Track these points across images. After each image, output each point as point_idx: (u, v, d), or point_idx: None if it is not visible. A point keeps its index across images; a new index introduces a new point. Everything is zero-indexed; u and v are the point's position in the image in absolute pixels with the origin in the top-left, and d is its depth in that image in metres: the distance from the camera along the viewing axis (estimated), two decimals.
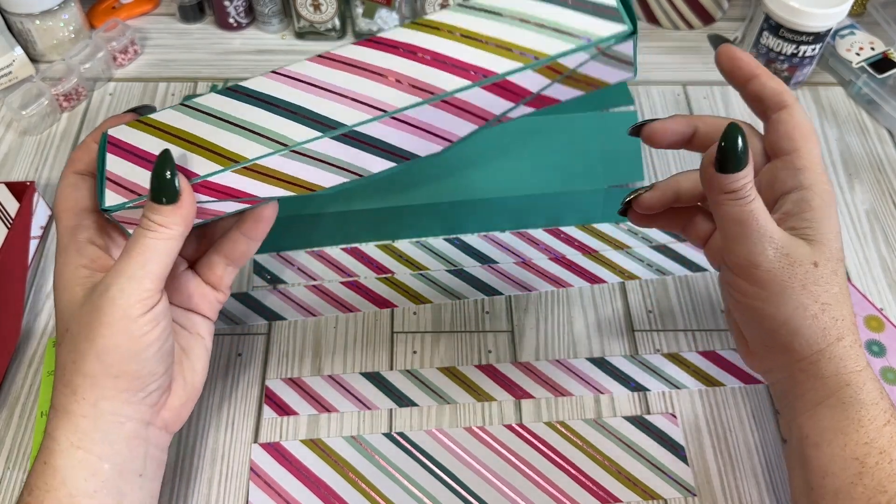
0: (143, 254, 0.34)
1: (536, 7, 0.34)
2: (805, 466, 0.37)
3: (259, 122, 0.35)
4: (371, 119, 0.33)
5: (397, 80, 0.34)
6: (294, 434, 0.45)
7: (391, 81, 0.34)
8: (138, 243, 0.34)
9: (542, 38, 0.33)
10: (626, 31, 0.33)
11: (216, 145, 0.35)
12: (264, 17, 0.67)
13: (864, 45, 0.65)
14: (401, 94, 0.33)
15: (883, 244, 0.55)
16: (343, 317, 0.51)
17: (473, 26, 0.34)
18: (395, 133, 0.34)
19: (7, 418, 0.45)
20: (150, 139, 0.36)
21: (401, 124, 0.34)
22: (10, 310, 0.48)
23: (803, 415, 0.37)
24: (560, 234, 0.54)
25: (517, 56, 0.33)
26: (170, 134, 0.36)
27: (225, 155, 0.35)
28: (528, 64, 0.33)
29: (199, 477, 0.44)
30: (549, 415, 0.46)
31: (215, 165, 0.35)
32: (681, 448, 0.45)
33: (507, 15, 0.34)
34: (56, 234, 0.37)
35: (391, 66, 0.34)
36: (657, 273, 0.53)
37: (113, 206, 0.35)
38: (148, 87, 0.64)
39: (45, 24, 0.62)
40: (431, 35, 0.34)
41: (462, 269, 0.53)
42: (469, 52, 0.33)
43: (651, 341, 0.50)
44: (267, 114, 0.35)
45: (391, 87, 0.34)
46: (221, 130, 0.35)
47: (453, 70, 0.33)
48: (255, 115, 0.35)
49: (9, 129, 0.60)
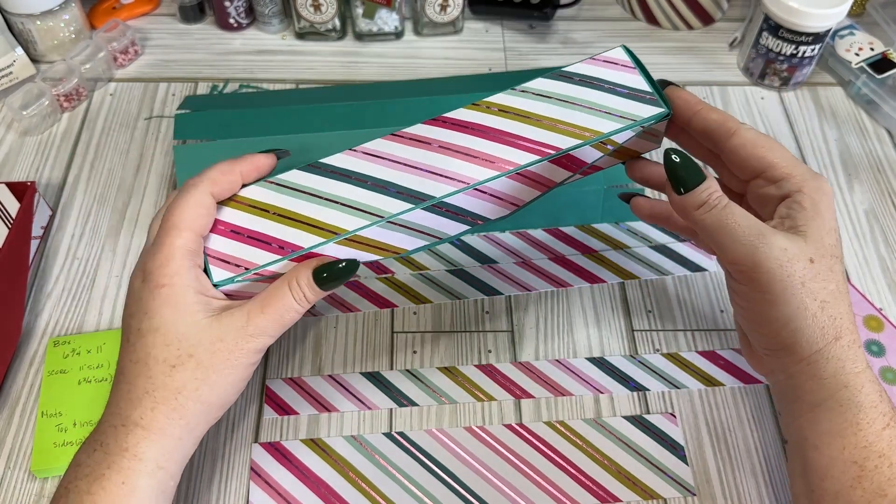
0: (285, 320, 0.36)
1: (581, 91, 0.40)
2: (805, 468, 0.37)
3: (351, 197, 0.38)
4: (457, 191, 0.37)
5: (473, 155, 0.38)
6: (294, 434, 0.46)
7: (468, 157, 0.38)
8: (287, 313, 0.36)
9: (594, 118, 0.39)
10: (665, 113, 0.39)
11: (314, 219, 0.37)
12: (265, 17, 0.67)
13: (864, 45, 0.65)
14: (478, 168, 0.38)
15: (882, 244, 0.55)
16: (343, 316, 0.51)
17: (529, 108, 0.40)
18: (474, 201, 0.38)
19: (7, 418, 0.46)
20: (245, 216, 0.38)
21: (480, 194, 0.38)
22: (11, 310, 0.48)
23: (803, 416, 0.37)
24: (560, 234, 0.54)
25: (576, 134, 0.39)
26: (264, 210, 0.38)
27: (325, 228, 0.37)
28: (587, 140, 0.38)
29: (199, 476, 0.44)
30: (549, 414, 0.47)
31: (317, 238, 0.37)
32: (680, 447, 0.45)
33: (558, 98, 0.40)
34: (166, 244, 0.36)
35: (464, 143, 0.39)
36: (657, 273, 0.53)
37: (222, 282, 0.37)
38: (148, 88, 0.64)
39: (46, 24, 0.62)
40: (494, 116, 0.39)
41: (462, 269, 0.53)
42: (533, 132, 0.39)
43: (650, 341, 0.50)
44: (356, 188, 0.38)
45: (469, 162, 0.38)
46: (315, 205, 0.38)
47: (522, 146, 0.38)
48: (344, 190, 0.38)
49: (10, 130, 0.60)
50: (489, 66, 0.67)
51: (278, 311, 0.36)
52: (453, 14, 0.67)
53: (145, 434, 0.34)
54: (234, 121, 0.58)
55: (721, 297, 0.52)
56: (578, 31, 0.70)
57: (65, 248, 0.53)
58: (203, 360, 0.35)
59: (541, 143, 0.38)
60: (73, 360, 0.47)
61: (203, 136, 0.57)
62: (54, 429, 0.44)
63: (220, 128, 0.57)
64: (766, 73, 0.64)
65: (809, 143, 0.62)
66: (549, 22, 0.70)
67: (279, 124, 0.57)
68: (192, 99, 0.63)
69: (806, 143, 0.62)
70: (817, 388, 0.37)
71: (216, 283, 0.37)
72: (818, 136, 0.62)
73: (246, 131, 0.57)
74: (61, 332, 0.49)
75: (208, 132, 0.57)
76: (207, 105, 0.61)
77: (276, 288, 0.36)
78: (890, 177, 0.59)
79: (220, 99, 0.63)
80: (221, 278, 0.37)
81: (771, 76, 0.64)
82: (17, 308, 0.48)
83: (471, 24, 0.70)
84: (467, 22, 0.70)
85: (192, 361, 0.35)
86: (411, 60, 0.67)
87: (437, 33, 0.69)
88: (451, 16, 0.67)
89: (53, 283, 0.51)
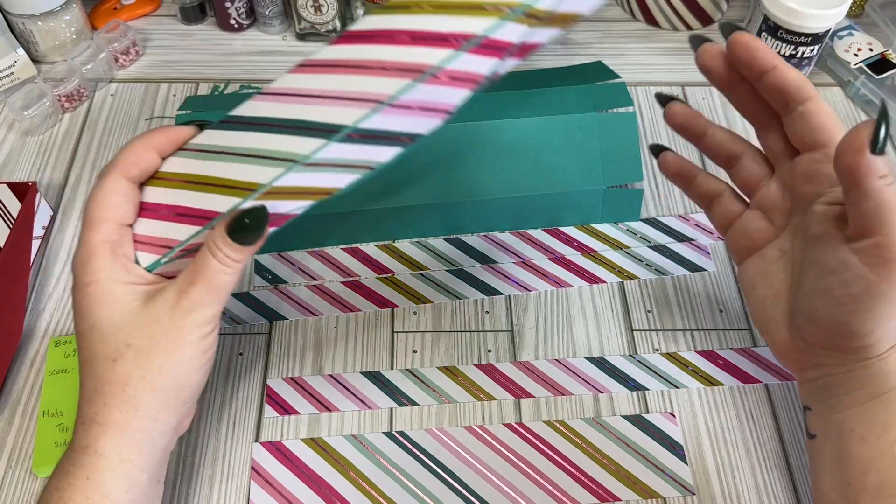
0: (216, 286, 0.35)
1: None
2: (845, 462, 0.36)
3: (262, 146, 0.34)
4: (369, 113, 0.32)
5: (382, 67, 0.33)
6: (295, 433, 0.46)
7: (377, 71, 0.33)
8: (216, 278, 0.34)
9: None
10: None
11: (229, 180, 0.35)
12: (265, 18, 0.68)
13: (863, 46, 0.65)
14: (390, 81, 0.32)
15: None
16: (344, 316, 0.51)
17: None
18: (395, 119, 0.33)
19: (9, 418, 0.46)
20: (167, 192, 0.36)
21: (398, 109, 0.33)
22: (13, 310, 0.48)
23: (849, 409, 0.36)
24: (560, 234, 0.55)
25: (492, 12, 0.32)
26: (184, 181, 0.36)
27: (240, 187, 0.34)
28: (505, 16, 0.32)
29: (200, 476, 0.44)
30: (549, 414, 0.47)
31: (235, 199, 0.34)
32: (680, 447, 0.45)
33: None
34: (84, 241, 0.35)
35: (372, 56, 0.33)
36: (656, 273, 0.53)
37: (151, 265, 0.36)
38: (149, 88, 0.64)
39: (47, 25, 0.63)
40: (402, 15, 0.33)
41: (462, 269, 0.53)
42: (444, 21, 0.32)
43: (650, 341, 0.50)
44: (267, 135, 0.34)
45: (379, 77, 0.33)
46: (229, 164, 0.35)
47: (435, 43, 0.32)
48: (255, 140, 0.35)
49: (11, 130, 0.61)
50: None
51: (207, 278, 0.34)
52: None
53: (102, 430, 0.34)
54: None
55: (720, 297, 0.52)
56: (578, 31, 0.70)
57: (66, 248, 0.54)
58: (142, 347, 0.34)
59: (453, 35, 0.32)
60: (75, 360, 0.47)
61: None
62: (55, 428, 0.44)
63: None
64: None
65: None
66: None
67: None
68: (192, 100, 0.63)
69: None
70: (879, 382, 0.36)
71: (147, 268, 0.36)
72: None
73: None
74: (62, 332, 0.49)
75: None
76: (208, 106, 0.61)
77: (200, 256, 0.35)
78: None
79: (220, 100, 0.63)
80: (149, 262, 0.36)
81: None
82: (18, 308, 0.49)
83: None
84: None
85: (130, 351, 0.34)
86: None
87: None
88: None
89: (55, 284, 0.52)
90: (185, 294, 0.34)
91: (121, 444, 0.34)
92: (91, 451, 0.34)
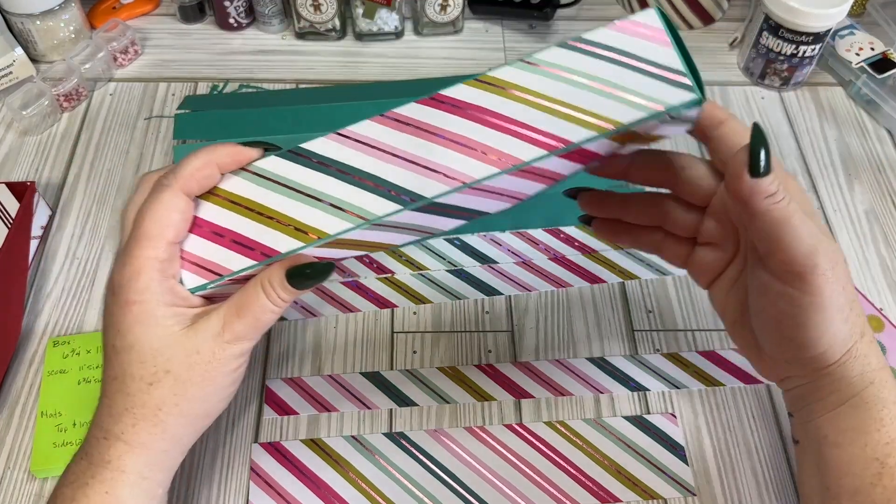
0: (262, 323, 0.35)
1: (601, 68, 0.33)
2: (822, 467, 0.37)
3: (335, 194, 0.34)
4: (450, 190, 0.33)
5: (470, 146, 0.33)
6: (294, 434, 0.45)
7: (464, 148, 0.33)
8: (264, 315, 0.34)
9: (612, 104, 0.32)
10: (696, 100, 0.32)
11: (295, 220, 0.34)
12: (265, 17, 0.67)
13: (864, 45, 0.65)
14: (475, 163, 0.33)
15: (882, 244, 0.55)
16: (343, 317, 0.51)
17: (538, 87, 0.33)
18: (472, 199, 0.34)
19: (7, 418, 0.46)
20: (224, 213, 0.35)
21: (478, 192, 0.34)
22: (11, 310, 0.48)
23: (822, 416, 0.37)
24: (560, 234, 0.54)
25: (590, 124, 0.32)
26: (244, 207, 0.35)
27: (306, 230, 0.34)
28: (604, 133, 0.32)
29: (199, 476, 0.44)
30: (549, 414, 0.47)
31: (298, 242, 0.34)
32: (680, 448, 0.45)
33: (571, 75, 0.33)
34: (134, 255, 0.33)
35: (460, 130, 0.33)
36: (657, 273, 0.53)
37: (195, 288, 0.35)
38: (148, 88, 0.64)
39: (46, 24, 0.62)
40: (497, 96, 0.33)
41: (462, 269, 0.53)
42: (540, 118, 0.33)
43: (651, 341, 0.50)
44: (340, 183, 0.34)
45: (464, 155, 0.33)
46: (297, 202, 0.34)
47: (527, 139, 0.33)
48: (327, 185, 0.34)
49: (9, 130, 0.60)
50: (489, 65, 0.66)
51: (254, 314, 0.34)
52: (453, 14, 0.67)
53: (128, 448, 0.34)
54: (234, 121, 0.58)
55: None
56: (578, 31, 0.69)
57: (64, 248, 0.53)
58: (180, 375, 0.34)
59: (548, 134, 0.33)
60: (73, 361, 0.47)
61: (203, 136, 0.57)
62: (54, 429, 0.44)
63: (219, 128, 0.57)
64: (766, 72, 0.64)
65: (809, 143, 0.62)
66: (549, 22, 0.70)
67: (279, 124, 0.57)
68: (191, 99, 0.63)
69: (806, 143, 0.62)
70: (844, 388, 0.36)
71: (190, 289, 0.35)
72: (818, 136, 0.62)
73: (246, 131, 0.57)
74: (61, 332, 0.49)
75: (208, 132, 0.57)
76: (207, 105, 0.61)
77: (250, 290, 0.34)
78: (890, 177, 0.59)
79: (219, 99, 0.63)
80: (195, 285, 0.35)
81: (771, 76, 0.64)
82: (16, 308, 0.48)
83: (471, 23, 0.70)
84: (467, 22, 0.70)
85: (169, 377, 0.34)
86: (411, 60, 0.67)
87: (438, 33, 0.69)
88: (451, 16, 0.67)
89: (53, 284, 0.51)
90: (230, 327, 0.34)
91: (142, 462, 0.35)
92: (113, 467, 0.34)
